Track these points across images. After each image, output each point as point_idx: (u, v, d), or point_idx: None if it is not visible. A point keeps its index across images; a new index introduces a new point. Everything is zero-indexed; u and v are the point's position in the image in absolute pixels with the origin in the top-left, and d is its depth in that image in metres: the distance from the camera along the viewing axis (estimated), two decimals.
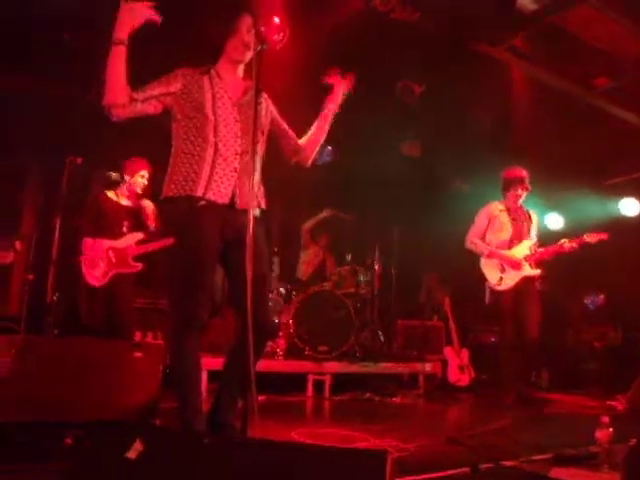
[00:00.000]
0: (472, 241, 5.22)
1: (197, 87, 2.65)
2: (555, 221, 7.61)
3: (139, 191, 4.82)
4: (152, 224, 4.70)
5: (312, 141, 2.96)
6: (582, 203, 7.49)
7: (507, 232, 5.10)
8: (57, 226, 4.64)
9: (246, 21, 2.70)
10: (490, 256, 5.10)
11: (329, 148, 7.21)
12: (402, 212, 8.52)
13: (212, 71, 2.73)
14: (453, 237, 8.17)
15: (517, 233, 5.10)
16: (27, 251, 5.33)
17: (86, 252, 4.57)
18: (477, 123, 6.88)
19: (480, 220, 5.26)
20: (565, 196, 7.64)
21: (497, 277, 5.03)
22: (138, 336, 5.79)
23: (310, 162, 3.02)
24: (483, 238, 5.20)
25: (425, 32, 5.19)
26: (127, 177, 4.78)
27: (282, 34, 2.65)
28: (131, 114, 2.56)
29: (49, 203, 4.97)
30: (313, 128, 2.97)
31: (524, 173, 5.10)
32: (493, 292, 5.07)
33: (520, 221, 5.14)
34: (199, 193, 2.55)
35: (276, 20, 2.78)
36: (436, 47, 5.44)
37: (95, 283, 4.56)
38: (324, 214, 7.20)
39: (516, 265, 4.97)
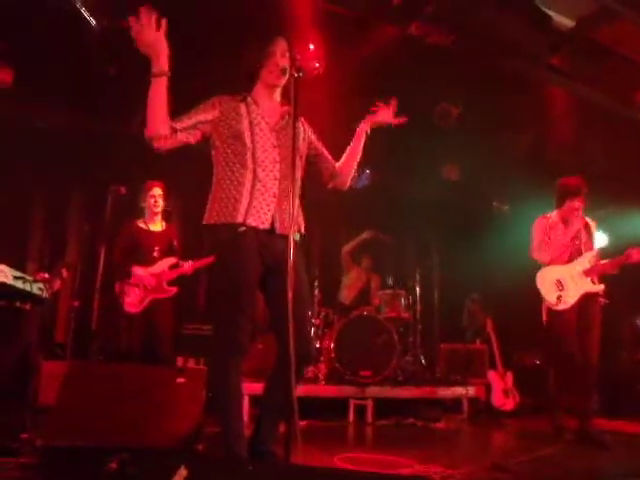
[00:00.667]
0: (537, 249, 4.76)
1: (234, 114, 2.68)
2: (599, 239, 7.41)
3: (156, 210, 4.91)
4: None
5: (347, 162, 2.97)
6: (627, 219, 7.31)
7: (564, 245, 4.66)
8: (101, 254, 4.76)
9: (281, 45, 2.73)
10: (557, 250, 4.65)
11: (367, 172, 7.24)
12: (442, 235, 8.47)
13: (248, 98, 2.76)
14: (494, 258, 8.09)
15: (576, 245, 4.68)
16: (72, 278, 5.45)
17: (128, 280, 4.68)
18: (516, 143, 6.81)
19: (537, 234, 4.82)
20: (608, 213, 7.46)
21: (555, 296, 4.56)
22: (180, 362, 5.85)
23: (347, 185, 3.02)
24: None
25: (461, 54, 5.19)
26: (143, 202, 4.92)
27: (318, 61, 2.69)
28: (172, 145, 2.61)
29: (93, 231, 5.11)
30: (348, 149, 2.99)
31: (583, 183, 4.71)
32: (552, 312, 4.61)
33: (578, 232, 4.70)
34: (239, 220, 2.57)
35: (311, 47, 2.83)
36: (473, 69, 5.43)
37: (132, 310, 4.65)
38: (364, 236, 7.20)
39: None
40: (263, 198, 2.62)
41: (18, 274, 3.59)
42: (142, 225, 4.88)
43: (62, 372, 3.17)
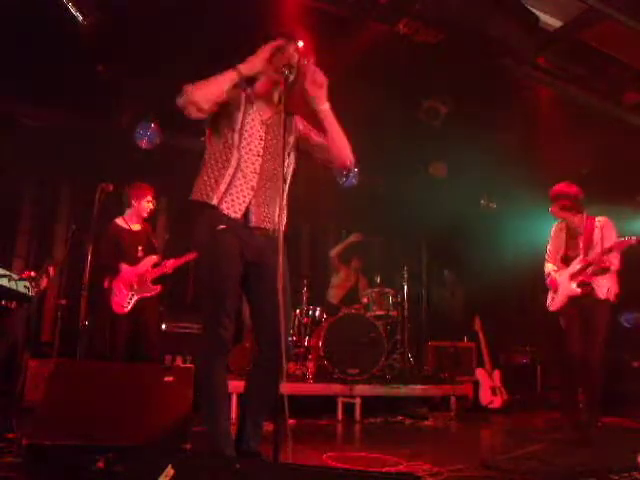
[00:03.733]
0: (546, 266, 4.93)
1: (232, 100, 2.69)
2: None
3: (145, 215, 4.96)
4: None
5: (332, 142, 2.83)
6: (614, 219, 7.37)
7: (563, 249, 4.82)
8: (89, 252, 4.72)
9: (293, 45, 2.74)
10: (553, 252, 4.89)
11: (355, 170, 7.24)
12: (430, 233, 8.49)
13: (248, 89, 2.77)
14: (482, 257, 8.12)
15: (572, 249, 4.76)
16: (60, 276, 5.41)
17: (115, 279, 4.67)
18: (504, 142, 6.84)
19: (550, 240, 4.97)
20: (597, 212, 7.52)
21: (550, 297, 4.82)
22: (168, 360, 5.83)
23: (350, 162, 2.88)
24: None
25: (449, 53, 5.20)
26: (134, 203, 4.92)
27: (307, 59, 2.68)
28: (197, 117, 2.62)
29: (81, 229, 5.08)
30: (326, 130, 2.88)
31: (560, 188, 4.81)
32: (558, 313, 4.80)
33: (577, 235, 4.75)
34: (215, 201, 2.60)
35: (300, 45, 2.82)
36: (461, 67, 5.45)
37: (120, 311, 4.64)
38: (351, 239, 7.21)
39: (554, 286, 4.76)
40: (241, 189, 2.63)
41: (3, 272, 3.55)
42: (123, 225, 4.88)
43: (49, 370, 3.15)
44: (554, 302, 4.77)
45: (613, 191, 7.46)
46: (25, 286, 3.78)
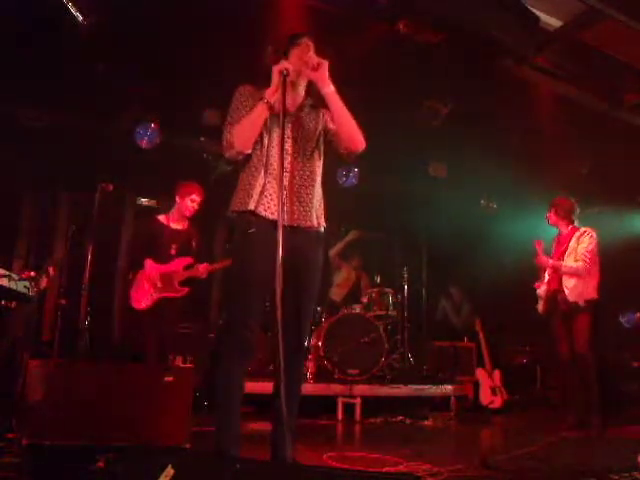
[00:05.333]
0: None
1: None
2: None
3: (187, 214, 4.80)
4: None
5: (339, 125, 2.76)
6: (614, 219, 7.37)
7: (552, 255, 5.16)
8: (89, 251, 4.71)
9: (309, 43, 2.74)
10: None
11: (355, 170, 7.23)
12: (430, 233, 8.49)
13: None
14: (482, 257, 8.12)
15: (556, 256, 5.09)
16: (60, 277, 5.41)
17: (139, 273, 4.63)
18: (504, 142, 6.84)
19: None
20: (596, 212, 7.53)
21: (540, 300, 5.15)
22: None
23: (361, 144, 2.80)
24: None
25: (449, 53, 5.19)
26: (178, 200, 4.78)
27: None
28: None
29: (81, 229, 5.07)
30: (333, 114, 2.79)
31: (559, 199, 5.20)
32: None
33: (559, 245, 5.12)
34: (252, 206, 2.59)
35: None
36: (461, 67, 5.44)
37: (138, 306, 4.58)
38: (350, 237, 7.21)
39: (538, 287, 5.18)
40: (274, 190, 2.60)
41: (3, 272, 3.55)
42: (163, 221, 4.79)
43: (49, 370, 3.15)
44: (540, 305, 5.13)
45: (613, 191, 7.47)
46: (25, 286, 3.77)
